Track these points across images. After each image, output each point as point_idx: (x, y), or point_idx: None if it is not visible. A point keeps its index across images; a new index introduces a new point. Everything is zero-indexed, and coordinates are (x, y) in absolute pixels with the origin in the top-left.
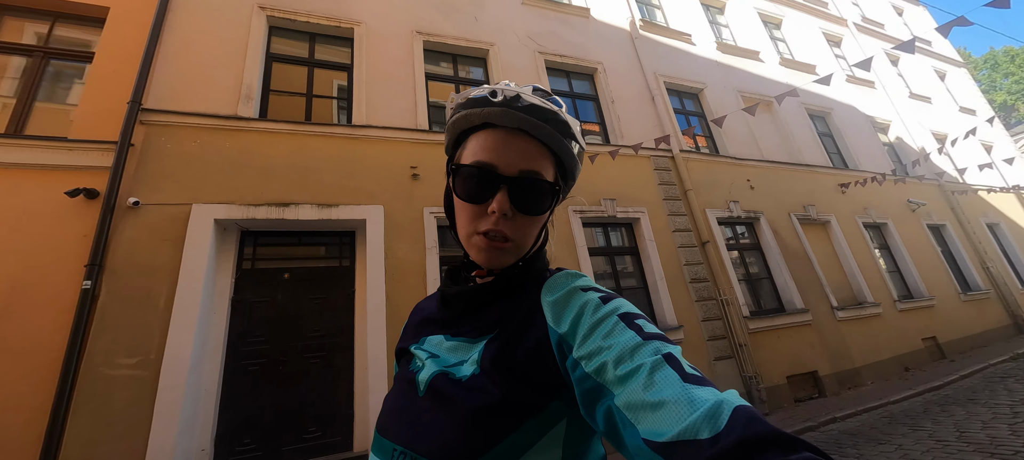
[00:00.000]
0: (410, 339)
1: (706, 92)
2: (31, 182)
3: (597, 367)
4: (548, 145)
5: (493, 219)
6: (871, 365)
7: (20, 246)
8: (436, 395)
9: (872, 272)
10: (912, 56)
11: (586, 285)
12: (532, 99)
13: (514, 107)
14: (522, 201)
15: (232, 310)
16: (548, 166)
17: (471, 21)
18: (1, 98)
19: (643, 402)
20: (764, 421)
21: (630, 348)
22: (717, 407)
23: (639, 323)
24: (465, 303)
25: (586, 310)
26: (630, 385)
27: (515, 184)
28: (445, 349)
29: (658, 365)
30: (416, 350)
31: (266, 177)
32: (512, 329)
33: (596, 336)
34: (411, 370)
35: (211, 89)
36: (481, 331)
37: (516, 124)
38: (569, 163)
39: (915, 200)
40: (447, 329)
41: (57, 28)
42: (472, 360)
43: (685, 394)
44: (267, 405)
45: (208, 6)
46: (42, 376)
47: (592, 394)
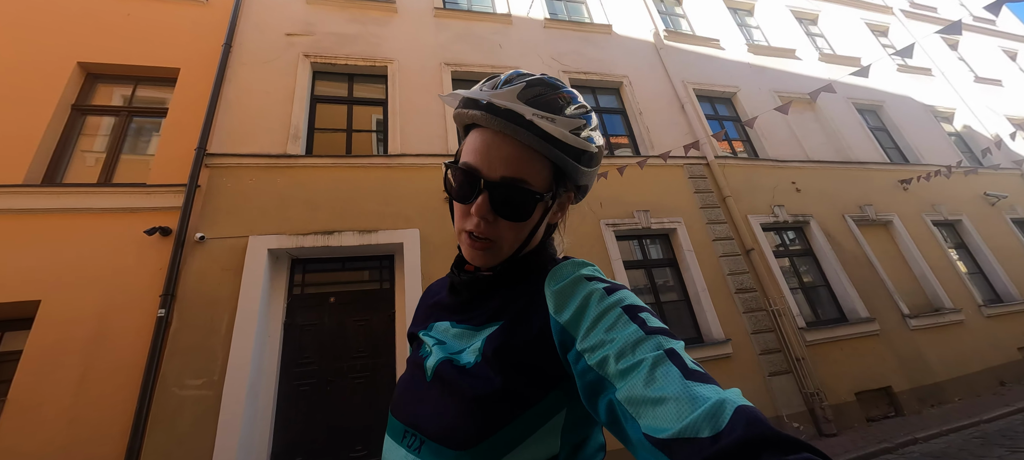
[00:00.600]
0: (420, 323)
1: (739, 95)
2: (118, 224)
3: (599, 360)
4: (534, 147)
5: (475, 221)
6: (957, 379)
7: (108, 280)
8: (441, 381)
9: (949, 275)
10: (974, 37)
11: (591, 274)
12: (511, 104)
13: (496, 112)
14: (502, 206)
15: (284, 334)
16: (537, 171)
17: (496, 48)
18: (94, 154)
19: (644, 397)
20: (766, 422)
21: (632, 342)
22: (719, 406)
23: (643, 317)
24: (470, 291)
25: (591, 301)
26: (631, 380)
27: (495, 189)
28: (451, 335)
29: (660, 361)
30: (424, 336)
31: (312, 208)
32: (514, 317)
33: (599, 329)
34: (420, 355)
35: (264, 131)
36: (484, 319)
37: (499, 128)
38: (566, 168)
39: (994, 193)
40: (454, 315)
41: (139, 89)
42: (475, 348)
43: (686, 391)
44: (317, 424)
45: (261, 58)
46: (126, 397)
47: (594, 387)
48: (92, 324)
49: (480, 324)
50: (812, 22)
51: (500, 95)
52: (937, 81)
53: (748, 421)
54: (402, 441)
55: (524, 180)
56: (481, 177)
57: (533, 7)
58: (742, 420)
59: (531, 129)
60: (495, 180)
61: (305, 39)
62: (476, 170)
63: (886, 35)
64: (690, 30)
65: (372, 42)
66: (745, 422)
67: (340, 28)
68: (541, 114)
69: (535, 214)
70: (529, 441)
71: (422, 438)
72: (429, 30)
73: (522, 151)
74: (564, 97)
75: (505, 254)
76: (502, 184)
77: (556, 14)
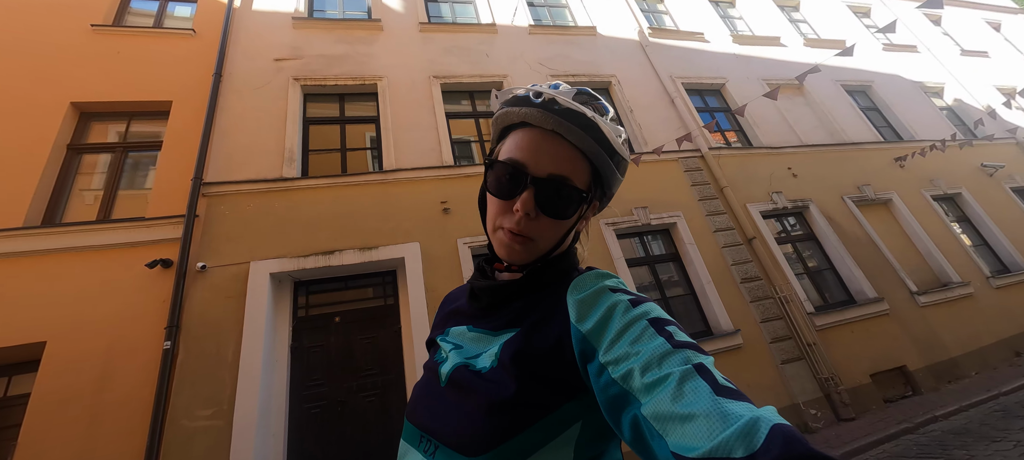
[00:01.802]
0: (438, 329)
1: (728, 86)
2: (119, 259)
3: (624, 373)
4: (584, 151)
5: (517, 217)
6: (972, 353)
7: (112, 316)
8: (456, 386)
9: (953, 248)
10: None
11: (615, 286)
12: (570, 104)
13: (551, 110)
14: (547, 203)
15: (292, 357)
16: (581, 172)
17: (483, 58)
18: (92, 191)
19: (671, 413)
20: (804, 441)
21: (659, 356)
22: (753, 424)
23: (669, 330)
24: (491, 297)
25: (615, 313)
26: (657, 394)
27: (542, 185)
28: (467, 339)
29: (688, 375)
30: (441, 341)
31: (311, 229)
32: (533, 324)
33: (624, 341)
34: (436, 360)
35: (259, 157)
36: (503, 325)
37: (552, 126)
38: (606, 172)
39: (990, 163)
40: (472, 320)
41: (133, 124)
42: (491, 353)
43: (717, 408)
44: (330, 445)
45: (252, 85)
46: (136, 432)
47: (617, 401)
48: (99, 361)
49: (498, 329)
50: (794, 9)
51: (558, 94)
52: (924, 57)
53: (785, 440)
54: (418, 446)
55: (570, 179)
56: (528, 173)
57: (517, 15)
58: (779, 439)
59: (588, 130)
60: (542, 177)
61: (294, 63)
62: (523, 166)
63: (868, 16)
64: (674, 25)
65: (360, 61)
66: (782, 441)
67: (328, 49)
68: (598, 116)
69: (575, 214)
70: (542, 451)
71: (436, 443)
72: (416, 45)
73: (570, 151)
74: (604, 107)
75: (541, 252)
76: (549, 181)
77: (540, 20)
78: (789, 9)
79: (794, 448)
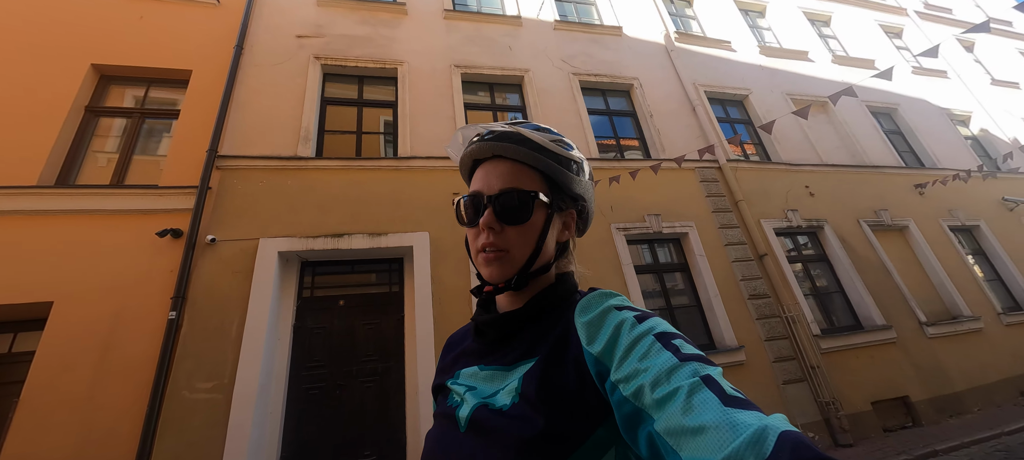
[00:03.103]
0: (445, 374)
1: (751, 98)
2: (130, 225)
3: (634, 390)
4: (527, 164)
5: (486, 234)
6: (976, 389)
7: (120, 282)
8: (478, 429)
9: (967, 281)
10: (990, 40)
11: (620, 304)
12: (502, 127)
13: (486, 140)
14: (504, 213)
15: (294, 336)
16: (529, 180)
17: (505, 51)
18: (107, 154)
19: (683, 427)
20: (813, 447)
21: (667, 370)
22: (761, 433)
23: (676, 343)
24: (497, 330)
25: (622, 331)
26: (668, 409)
27: (497, 200)
28: (480, 379)
29: (696, 388)
30: (452, 385)
31: (323, 211)
32: (549, 352)
33: (632, 358)
34: (449, 406)
35: (275, 133)
36: (516, 358)
37: (492, 153)
38: (554, 173)
39: (1012, 198)
40: (481, 359)
41: (151, 91)
42: (510, 388)
43: (726, 419)
44: (327, 428)
45: (272, 60)
46: (137, 400)
47: (632, 419)
48: (104, 326)
49: (512, 363)
50: (824, 23)
51: (496, 125)
52: (953, 83)
53: (794, 447)
54: None
55: (519, 186)
56: (483, 196)
57: (543, 9)
58: (787, 446)
59: (522, 143)
60: (495, 194)
61: (316, 41)
62: (479, 193)
63: (900, 37)
64: (701, 32)
65: (382, 44)
66: (791, 448)
67: (350, 30)
68: (522, 125)
69: (536, 215)
70: None
71: None
72: (439, 32)
73: (513, 166)
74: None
75: (518, 262)
76: (501, 194)
77: (566, 16)
78: (820, 24)
79: (802, 454)
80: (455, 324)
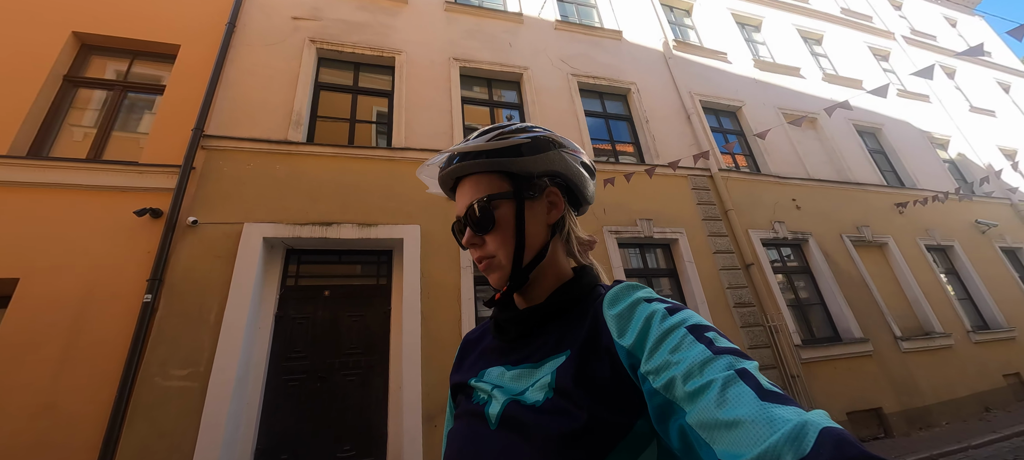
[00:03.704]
0: (468, 372)
1: (745, 110)
2: (106, 203)
3: (665, 383)
4: (485, 172)
5: (472, 250)
6: (945, 403)
7: (93, 261)
8: (512, 425)
9: (940, 299)
10: (971, 67)
11: (650, 296)
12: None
13: (443, 171)
14: (476, 224)
15: (276, 326)
16: (489, 184)
17: (506, 47)
18: (83, 128)
19: (716, 421)
20: (857, 444)
21: (699, 362)
22: (801, 428)
23: (709, 336)
24: (519, 326)
25: (653, 322)
26: (701, 402)
27: (467, 216)
28: (508, 379)
29: (731, 381)
30: (477, 383)
31: (311, 198)
32: (582, 345)
33: (663, 350)
34: (476, 403)
35: (265, 116)
36: (546, 353)
37: (453, 178)
38: (514, 167)
39: (984, 221)
40: (505, 359)
41: (136, 65)
42: (542, 384)
43: (763, 413)
44: (305, 421)
45: (265, 40)
46: (106, 385)
47: (663, 411)
48: (73, 306)
49: (541, 359)
50: (817, 42)
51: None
52: (934, 108)
53: (837, 443)
54: None
55: (480, 197)
56: (460, 218)
57: (545, 8)
58: (829, 442)
59: (463, 158)
60: (463, 213)
61: (312, 24)
62: (458, 218)
63: (887, 60)
64: (698, 42)
65: (381, 32)
66: (833, 444)
67: (349, 15)
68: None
69: (502, 214)
70: None
71: None
72: (439, 24)
73: (474, 179)
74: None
75: (507, 263)
76: (467, 211)
77: (567, 16)
78: (812, 42)
79: (846, 451)
80: (443, 320)
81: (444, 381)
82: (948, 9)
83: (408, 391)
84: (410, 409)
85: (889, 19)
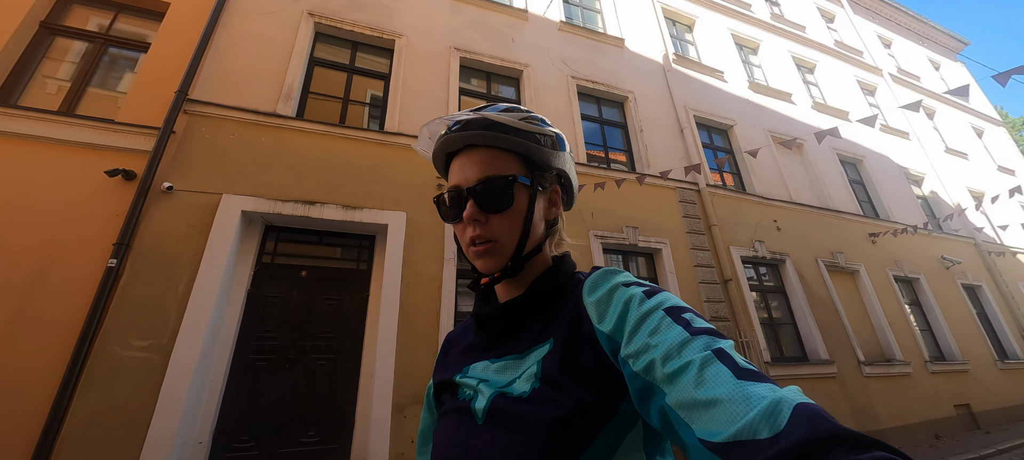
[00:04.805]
0: (452, 370)
1: (736, 129)
2: (77, 160)
3: (645, 365)
4: (500, 147)
5: (471, 228)
6: (899, 428)
7: (56, 219)
8: (499, 418)
9: (902, 328)
10: (949, 111)
11: (628, 280)
12: (468, 115)
13: (454, 131)
14: (486, 202)
15: (247, 302)
16: (505, 164)
17: (508, 42)
18: (57, 81)
19: (695, 400)
20: (829, 419)
21: (678, 344)
22: (776, 405)
23: (686, 317)
24: (501, 321)
25: (631, 306)
26: (680, 383)
27: (476, 191)
28: (492, 372)
29: (708, 361)
30: (462, 380)
31: (296, 175)
32: (565, 333)
33: (642, 333)
34: (461, 400)
35: (254, 86)
36: (529, 344)
37: (462, 143)
38: (534, 155)
39: (950, 257)
40: (489, 353)
41: (119, 19)
42: (528, 374)
43: (740, 391)
44: (270, 403)
45: (261, 8)
46: (60, 348)
47: (644, 393)
48: (30, 264)
49: (525, 350)
50: (809, 71)
51: (460, 115)
52: (913, 145)
53: (810, 418)
54: None
55: (495, 174)
56: (462, 189)
57: (550, 7)
58: (803, 417)
59: (490, 127)
60: (473, 185)
61: None
62: (457, 186)
63: (873, 95)
64: (698, 58)
65: (383, 13)
66: (807, 419)
67: None
68: (488, 109)
69: (518, 199)
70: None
71: None
72: (444, 11)
73: (488, 153)
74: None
75: (509, 250)
76: (479, 184)
77: (572, 18)
78: (805, 70)
79: (819, 426)
80: (422, 310)
81: (418, 372)
82: (933, 53)
83: (380, 379)
84: (380, 398)
85: (878, 56)
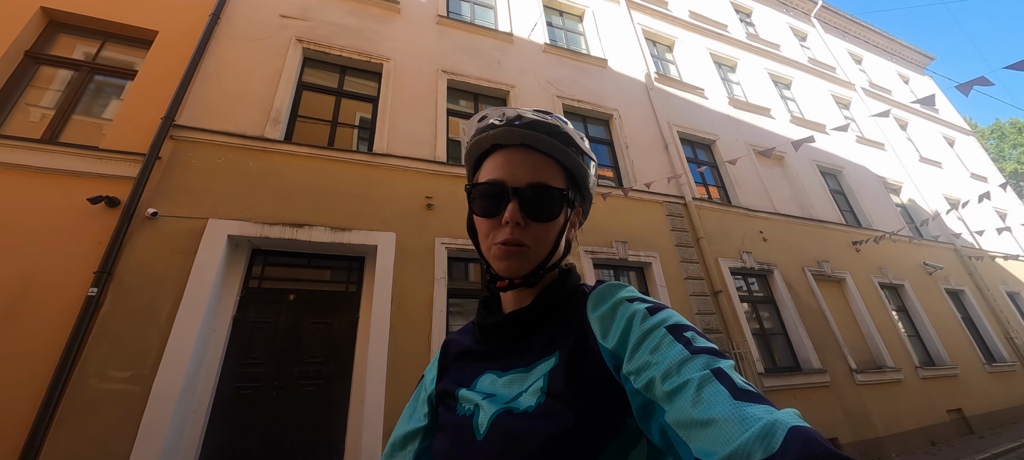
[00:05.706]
0: (456, 381)
1: (718, 143)
2: (59, 187)
3: (646, 383)
4: (553, 156)
5: (508, 229)
6: (895, 435)
7: (35, 247)
8: (501, 435)
9: (891, 335)
10: (921, 122)
11: (631, 295)
12: (533, 115)
13: (515, 125)
14: (532, 209)
15: (233, 328)
16: (556, 176)
17: (494, 64)
18: (41, 109)
19: (692, 419)
20: (823, 442)
21: (677, 362)
22: (771, 427)
23: (688, 336)
24: (508, 331)
25: (634, 323)
26: (678, 401)
27: (523, 194)
28: (500, 386)
29: (706, 380)
30: (468, 393)
31: (284, 198)
32: (571, 347)
33: (644, 350)
34: (462, 415)
35: (242, 111)
36: (535, 357)
37: (519, 140)
38: (578, 171)
39: (932, 263)
40: (495, 365)
41: (106, 47)
42: (534, 388)
43: (736, 412)
44: (256, 433)
45: (250, 35)
46: (35, 382)
47: (645, 410)
48: (7, 294)
49: (531, 363)
50: (786, 86)
51: (524, 111)
52: (889, 156)
53: (804, 442)
54: None
55: (547, 182)
56: (508, 187)
57: (535, 31)
58: (797, 441)
59: (554, 135)
60: (521, 186)
61: (300, 23)
62: (501, 182)
63: (848, 108)
64: (679, 76)
65: (370, 38)
66: (800, 443)
67: (339, 19)
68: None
69: (561, 215)
70: None
71: None
72: (430, 35)
73: (542, 159)
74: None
75: (537, 259)
76: (529, 188)
77: (556, 40)
78: (782, 86)
79: (812, 450)
80: (412, 332)
81: (408, 398)
82: (902, 68)
83: (370, 406)
84: (370, 425)
85: (850, 71)
